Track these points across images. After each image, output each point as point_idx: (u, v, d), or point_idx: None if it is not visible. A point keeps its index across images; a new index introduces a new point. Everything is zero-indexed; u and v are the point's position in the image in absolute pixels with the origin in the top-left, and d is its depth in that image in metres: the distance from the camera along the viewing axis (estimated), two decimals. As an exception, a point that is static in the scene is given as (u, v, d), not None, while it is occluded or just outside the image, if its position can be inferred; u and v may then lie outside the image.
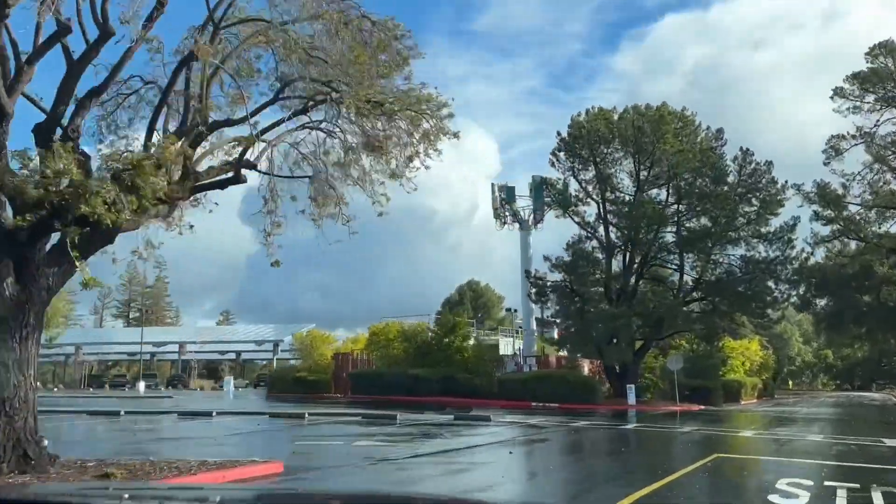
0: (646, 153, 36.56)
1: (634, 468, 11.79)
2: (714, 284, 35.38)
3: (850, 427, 22.81)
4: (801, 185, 39.97)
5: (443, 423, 21.94)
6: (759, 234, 35.95)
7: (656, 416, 29.09)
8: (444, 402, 36.37)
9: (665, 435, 18.54)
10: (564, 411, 30.90)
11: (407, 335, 40.97)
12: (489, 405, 34.42)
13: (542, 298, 36.02)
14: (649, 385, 40.31)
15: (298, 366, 48.20)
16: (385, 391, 39.57)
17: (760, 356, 66.69)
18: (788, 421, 25.82)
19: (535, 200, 40.64)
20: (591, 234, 37.15)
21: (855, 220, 38.26)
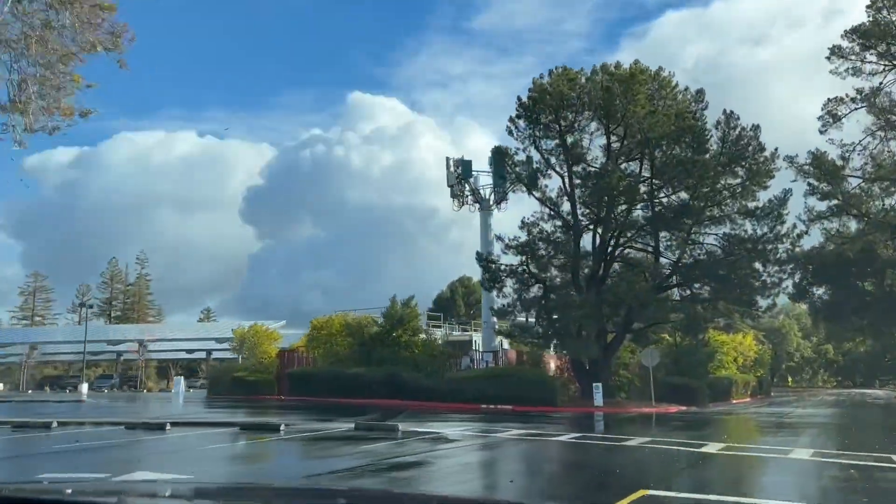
0: (616, 119, 31.87)
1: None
2: (692, 268, 30.72)
3: (850, 436, 18.20)
4: (794, 157, 35.42)
5: (336, 435, 17.43)
6: (746, 211, 31.31)
7: (621, 420, 24.51)
8: (385, 404, 31.88)
9: (598, 452, 13.98)
10: (516, 415, 26.35)
11: (351, 329, 36.40)
12: (436, 408, 29.91)
13: (496, 285, 31.40)
14: (624, 383, 35.72)
15: (237, 365, 43.61)
16: (325, 392, 35.08)
17: (755, 351, 62.11)
18: (775, 427, 21.20)
19: (495, 176, 35.94)
20: (555, 212, 32.51)
21: (855, 195, 33.59)
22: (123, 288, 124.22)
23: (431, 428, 18.52)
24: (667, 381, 38.74)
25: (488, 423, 20.61)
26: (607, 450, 14.15)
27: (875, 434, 18.78)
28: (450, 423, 20.22)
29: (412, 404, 31.02)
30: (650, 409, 31.15)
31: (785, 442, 16.16)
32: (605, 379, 33.10)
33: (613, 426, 20.93)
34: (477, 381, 29.71)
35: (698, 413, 29.96)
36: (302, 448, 15.09)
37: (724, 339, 51.90)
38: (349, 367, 34.85)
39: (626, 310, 32.71)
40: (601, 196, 31.36)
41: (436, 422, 21.12)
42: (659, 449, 13.90)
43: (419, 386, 32.29)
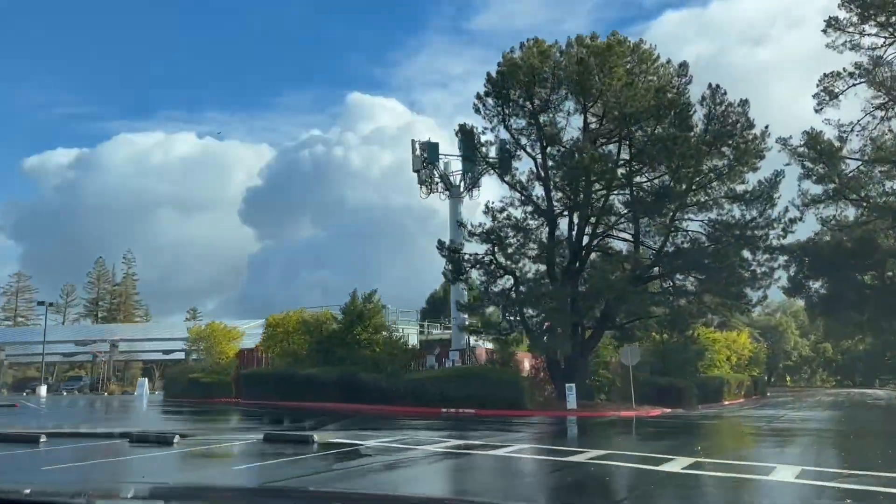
0: (592, 95, 29.06)
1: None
2: (675, 257, 27.92)
3: (847, 446, 15.44)
4: (787, 139, 32.66)
5: (231, 450, 14.68)
6: (734, 195, 28.53)
7: (590, 426, 21.73)
8: (340, 408, 29.15)
9: (526, 472, 11.22)
10: (476, 420, 23.61)
11: (308, 326, 33.61)
12: (393, 412, 27.14)
13: (460, 277, 28.60)
14: (604, 384, 32.92)
15: (194, 365, 40.84)
16: (280, 395, 32.38)
17: (750, 350, 59.29)
18: (762, 434, 18.43)
19: (464, 160, 33.12)
20: (525, 197, 29.70)
21: (854, 179, 30.82)
22: (110, 288, 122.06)
23: (357, 439, 15.74)
24: (651, 382, 35.97)
25: (433, 432, 17.85)
26: (542, 469, 11.39)
27: (877, 443, 16.02)
28: (388, 433, 17.44)
29: (368, 408, 28.28)
30: (629, 413, 28.37)
31: (769, 455, 13.39)
32: (581, 379, 30.33)
33: (575, 434, 18.16)
34: (438, 383, 26.91)
35: (682, 417, 27.19)
36: (176, 464, 12.32)
37: (715, 337, 49.15)
38: (307, 368, 32.10)
39: (603, 304, 29.99)
40: (575, 178, 28.57)
41: (376, 430, 18.37)
42: (609, 467, 11.13)
43: (378, 388, 29.54)
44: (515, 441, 15.57)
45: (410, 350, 32.18)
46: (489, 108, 30.16)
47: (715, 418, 26.00)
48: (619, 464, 11.69)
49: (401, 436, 16.61)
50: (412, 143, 34.40)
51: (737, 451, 14.36)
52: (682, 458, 12.19)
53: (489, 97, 30.31)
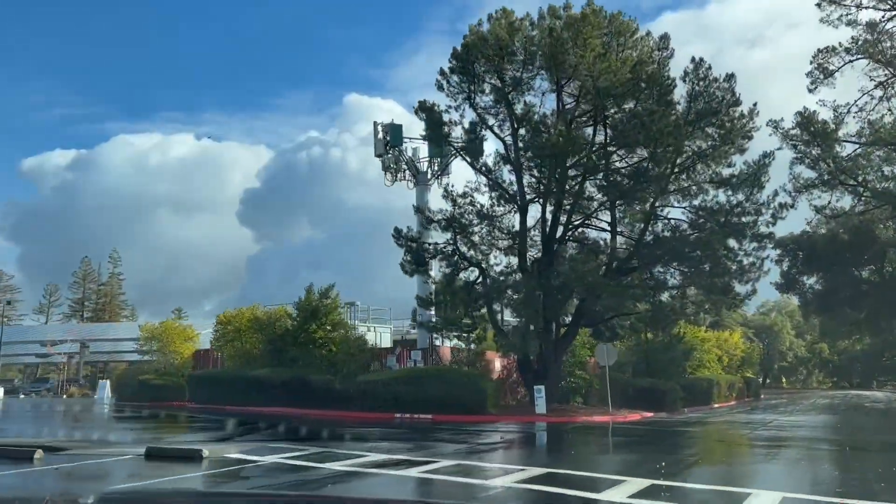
0: (566, 71, 26.53)
1: None
2: (654, 247, 25.39)
3: (842, 462, 12.93)
4: (778, 122, 30.19)
5: (97, 469, 12.15)
6: (719, 180, 26.05)
7: (554, 434, 19.21)
8: (287, 413, 26.65)
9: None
10: (433, 426, 21.10)
11: (261, 324, 31.05)
12: (342, 418, 24.65)
13: (420, 268, 26.05)
14: (580, 386, 30.39)
15: (146, 366, 38.25)
16: (230, 398, 29.88)
17: (742, 350, 56.83)
18: (744, 445, 15.93)
19: (430, 143, 30.55)
20: (492, 181, 27.16)
21: (851, 161, 28.33)
22: (96, 288, 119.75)
23: (261, 453, 13.19)
24: (633, 384, 33.47)
25: (362, 443, 15.33)
26: (465, 491, 8.84)
27: (876, 459, 13.52)
28: (307, 445, 14.89)
29: (317, 413, 25.76)
30: (603, 418, 25.86)
31: (746, 476, 10.90)
32: (554, 381, 27.86)
33: (528, 445, 15.63)
34: (392, 385, 24.34)
35: (661, 422, 24.67)
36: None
37: (705, 336, 46.67)
38: (256, 369, 29.57)
39: (577, 298, 27.52)
40: (548, 161, 26.06)
41: (297, 441, 15.85)
42: (532, 495, 8.62)
43: (331, 391, 27.02)
44: (447, 456, 13.02)
45: (369, 350, 29.62)
46: (453, 85, 27.62)
47: (697, 424, 23.48)
48: (550, 489, 9.18)
49: (317, 449, 14.06)
50: (374, 125, 31.87)
51: (708, 469, 11.83)
52: (636, 481, 9.68)
53: (454, 74, 27.78)
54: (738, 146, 26.17)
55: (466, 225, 26.05)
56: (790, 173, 29.08)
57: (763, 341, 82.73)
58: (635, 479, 9.84)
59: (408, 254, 25.69)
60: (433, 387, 23.90)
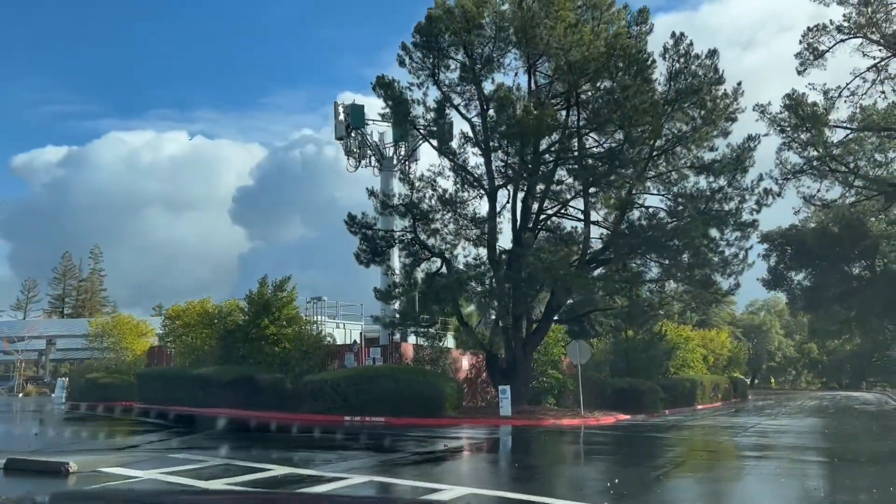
0: (537, 47, 24.53)
1: None
2: (629, 237, 23.42)
3: (829, 478, 10.98)
4: (766, 106, 28.32)
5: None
6: (700, 165, 24.14)
7: (512, 441, 17.25)
8: (232, 415, 24.58)
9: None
10: (384, 430, 19.09)
11: (211, 318, 28.93)
12: (289, 420, 22.58)
13: (376, 258, 23.99)
14: (552, 386, 28.42)
15: (98, 364, 36.03)
16: (175, 398, 27.77)
17: (729, 349, 55.07)
18: (717, 456, 13.99)
19: (395, 126, 28.43)
20: (457, 165, 25.12)
21: (843, 144, 26.45)
22: (76, 284, 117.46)
23: (144, 467, 11.16)
24: (611, 384, 31.56)
25: (280, 453, 13.27)
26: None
27: (870, 472, 11.60)
28: (208, 455, 12.85)
29: (263, 416, 23.68)
30: (574, 420, 23.92)
31: (713, 499, 8.94)
32: (524, 381, 25.91)
33: (468, 457, 13.60)
34: (340, 386, 22.27)
35: (636, 426, 22.73)
36: None
37: (689, 335, 44.84)
38: (202, 367, 27.48)
39: (548, 292, 25.57)
40: (516, 139, 24.05)
41: (203, 449, 13.79)
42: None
43: (280, 391, 24.94)
44: (368, 470, 10.98)
45: (326, 347, 27.53)
46: (416, 61, 25.54)
47: (673, 428, 21.55)
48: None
49: (219, 461, 12.00)
50: (335, 105, 29.71)
51: (669, 488, 9.85)
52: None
53: (417, 49, 25.72)
54: (722, 129, 24.26)
55: (428, 211, 24.01)
56: (777, 159, 27.27)
57: (751, 341, 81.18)
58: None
59: (363, 242, 23.61)
60: (386, 387, 21.86)
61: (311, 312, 36.48)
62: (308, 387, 23.07)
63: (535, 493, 8.92)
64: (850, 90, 27.52)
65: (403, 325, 23.43)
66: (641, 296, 25.88)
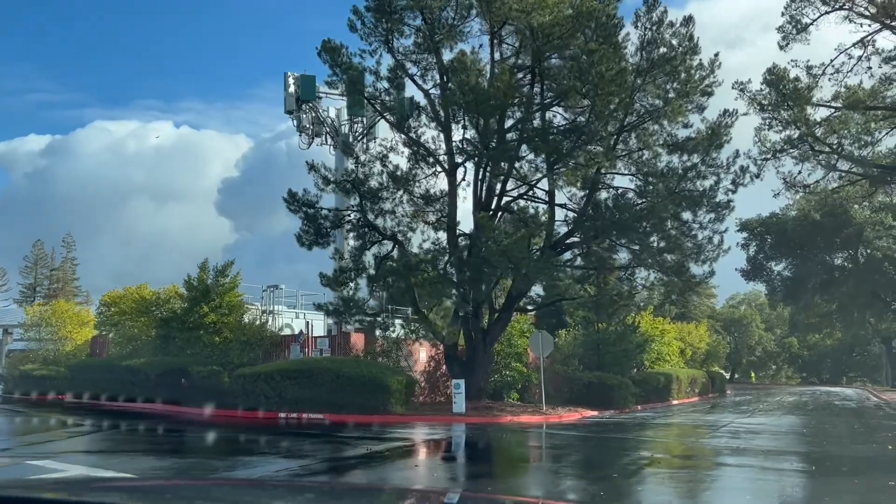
0: (499, 14, 22.52)
1: None
2: (595, 218, 21.51)
3: (805, 493, 9.13)
4: (746, 83, 26.51)
5: None
6: (673, 142, 22.29)
7: (458, 441, 15.31)
8: (160, 412, 22.51)
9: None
10: (314, 429, 17.09)
11: (148, 305, 26.73)
12: (215, 418, 20.55)
13: (320, 240, 21.91)
14: (515, 380, 26.54)
15: (31, 355, 33.66)
16: (106, 392, 25.53)
17: (706, 343, 53.59)
18: (676, 462, 12.13)
19: (349, 100, 26.27)
20: (413, 139, 23.06)
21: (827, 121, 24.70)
22: (48, 273, 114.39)
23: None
24: (579, 378, 29.76)
25: (142, 459, 11.24)
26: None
27: (852, 483, 9.77)
28: (78, 464, 10.78)
29: (195, 413, 21.64)
30: (534, 418, 22.04)
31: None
32: (482, 374, 24.04)
33: (383, 466, 11.61)
34: (275, 380, 20.19)
35: (599, 424, 20.88)
36: None
37: (665, 327, 43.21)
38: (140, 358, 25.31)
39: (508, 279, 23.66)
40: (478, 110, 22.03)
41: (83, 454, 11.71)
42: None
43: (213, 385, 22.85)
44: (231, 489, 8.99)
45: (270, 337, 25.45)
46: (368, 25, 23.40)
47: (639, 427, 19.73)
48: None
49: (74, 473, 9.96)
50: (284, 77, 27.49)
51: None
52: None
53: (369, 12, 23.57)
54: (697, 104, 22.44)
55: (378, 189, 21.93)
56: (756, 137, 25.51)
57: (732, 335, 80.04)
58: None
59: (306, 222, 21.49)
60: (326, 382, 19.81)
61: (267, 302, 34.35)
62: (240, 381, 20.97)
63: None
64: (834, 67, 25.80)
65: (347, 313, 21.39)
66: (610, 284, 24.06)
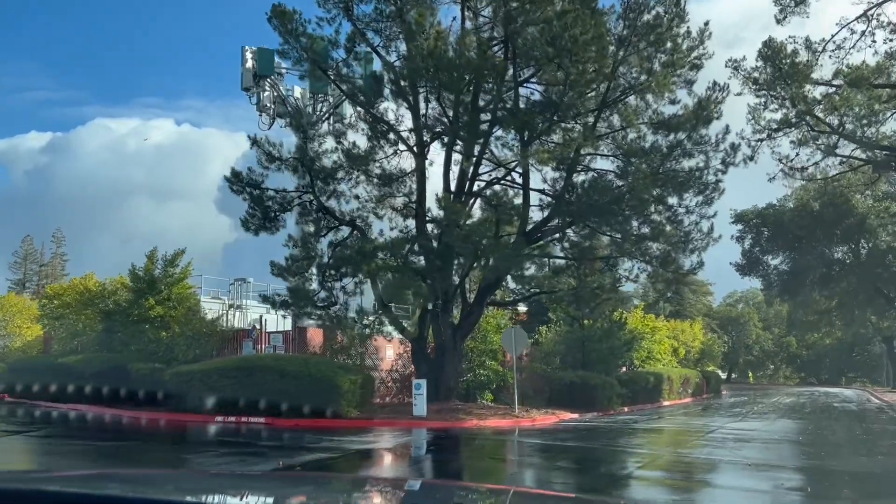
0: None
1: None
2: (572, 202, 19.49)
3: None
4: (740, 60, 24.54)
5: None
6: (658, 121, 20.28)
7: (402, 453, 13.33)
8: (97, 413, 20.59)
9: None
10: (243, 435, 15.12)
11: (93, 298, 24.75)
12: (153, 420, 18.63)
13: (268, 224, 19.91)
14: (490, 380, 24.55)
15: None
16: (44, 391, 23.54)
17: (700, 341, 51.62)
18: (643, 481, 10.16)
19: (311, 78, 24.22)
20: (374, 115, 21.03)
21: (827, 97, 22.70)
22: (38, 268, 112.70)
23: None
24: (559, 377, 27.76)
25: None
26: None
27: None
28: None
29: (131, 415, 19.74)
30: (504, 421, 20.07)
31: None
32: (452, 373, 22.06)
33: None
34: (212, 378, 18.21)
35: (573, 429, 18.89)
36: None
37: (657, 325, 41.25)
38: (77, 355, 23.36)
39: (488, 270, 21.65)
40: (445, 89, 20.05)
41: None
42: None
43: (155, 383, 20.84)
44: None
45: (221, 332, 23.48)
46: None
47: (615, 433, 17.73)
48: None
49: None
50: (242, 51, 25.45)
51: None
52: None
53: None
54: (685, 78, 20.42)
55: (332, 169, 19.92)
56: (749, 115, 23.48)
57: (729, 334, 78.10)
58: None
59: (252, 205, 19.48)
60: (269, 382, 17.84)
61: (235, 296, 32.49)
62: (175, 380, 19.00)
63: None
64: (835, 43, 23.79)
65: (296, 305, 19.38)
66: (590, 276, 22.06)
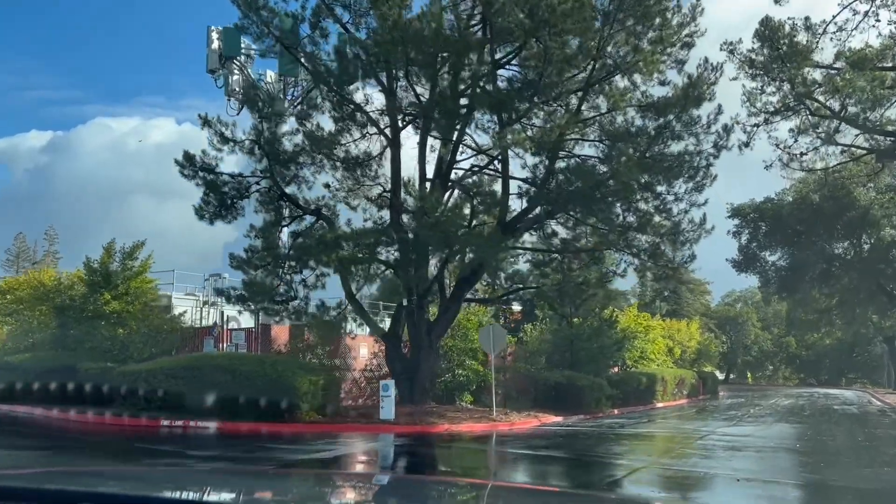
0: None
1: None
2: (552, 190, 18.04)
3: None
4: (736, 43, 23.11)
5: None
6: (646, 104, 18.84)
7: (350, 462, 11.91)
8: (39, 418, 19.17)
9: None
10: (179, 448, 13.67)
11: (47, 293, 23.31)
12: (99, 425, 17.22)
13: (225, 212, 18.48)
14: (469, 381, 23.14)
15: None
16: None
17: (697, 341, 50.20)
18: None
19: (281, 61, 22.78)
20: (343, 98, 19.58)
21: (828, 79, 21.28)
22: (30, 266, 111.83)
23: None
24: (545, 378, 26.33)
25: None
26: None
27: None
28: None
29: (77, 420, 18.29)
30: (480, 425, 18.63)
31: None
32: (427, 373, 20.65)
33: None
34: (158, 378, 16.77)
35: (551, 434, 17.45)
36: None
37: (650, 324, 39.87)
38: (24, 353, 21.93)
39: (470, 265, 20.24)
40: (421, 69, 18.64)
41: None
42: None
43: (104, 384, 19.41)
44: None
45: (181, 329, 22.06)
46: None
47: (594, 440, 16.29)
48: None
49: None
50: (207, 31, 24.02)
51: None
52: None
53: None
54: (675, 57, 18.98)
55: (294, 153, 18.47)
56: (744, 97, 22.02)
57: (727, 334, 76.72)
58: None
59: (206, 191, 18.02)
60: (221, 383, 16.39)
61: (209, 292, 31.10)
62: (122, 380, 17.55)
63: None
64: (836, 24, 22.35)
65: (252, 300, 17.94)
66: (574, 270, 20.64)
